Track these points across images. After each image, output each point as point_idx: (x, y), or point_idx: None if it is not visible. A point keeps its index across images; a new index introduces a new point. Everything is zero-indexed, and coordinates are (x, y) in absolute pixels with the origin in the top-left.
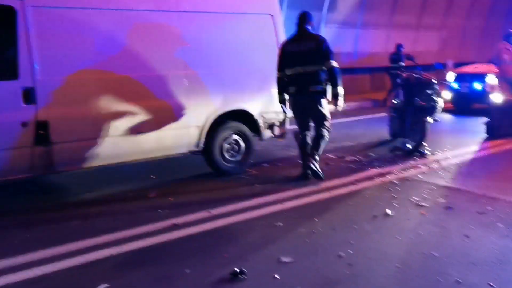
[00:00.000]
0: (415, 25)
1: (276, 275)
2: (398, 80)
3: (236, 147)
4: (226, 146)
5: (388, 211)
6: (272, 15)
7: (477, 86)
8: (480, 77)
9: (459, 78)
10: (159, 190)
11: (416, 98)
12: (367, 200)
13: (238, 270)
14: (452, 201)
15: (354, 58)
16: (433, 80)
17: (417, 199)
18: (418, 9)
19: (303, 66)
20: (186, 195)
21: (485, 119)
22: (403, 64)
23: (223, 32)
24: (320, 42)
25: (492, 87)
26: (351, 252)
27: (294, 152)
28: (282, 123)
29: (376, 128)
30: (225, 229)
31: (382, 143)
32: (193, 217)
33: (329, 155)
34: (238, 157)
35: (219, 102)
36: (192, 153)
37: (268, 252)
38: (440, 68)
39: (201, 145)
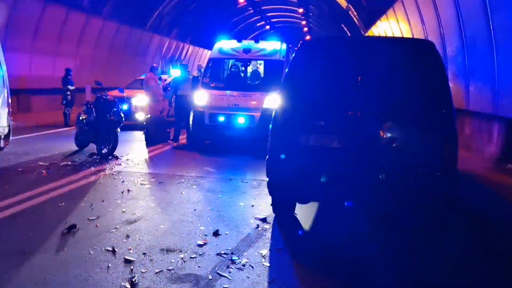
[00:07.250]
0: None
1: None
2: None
3: None
4: None
5: (129, 188)
6: None
7: (125, 107)
8: (127, 99)
9: None
10: None
11: (108, 114)
12: (107, 186)
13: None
14: (159, 179)
15: None
16: (116, 100)
17: (138, 180)
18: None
19: None
20: None
21: (144, 131)
22: (71, 87)
23: None
24: None
25: (136, 108)
26: (129, 207)
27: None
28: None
29: (57, 141)
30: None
31: (75, 152)
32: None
33: (41, 163)
34: None
35: None
36: None
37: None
38: (122, 92)
39: None
